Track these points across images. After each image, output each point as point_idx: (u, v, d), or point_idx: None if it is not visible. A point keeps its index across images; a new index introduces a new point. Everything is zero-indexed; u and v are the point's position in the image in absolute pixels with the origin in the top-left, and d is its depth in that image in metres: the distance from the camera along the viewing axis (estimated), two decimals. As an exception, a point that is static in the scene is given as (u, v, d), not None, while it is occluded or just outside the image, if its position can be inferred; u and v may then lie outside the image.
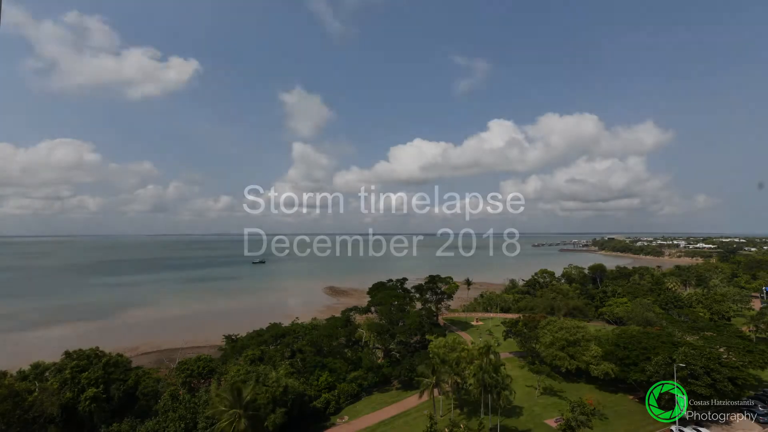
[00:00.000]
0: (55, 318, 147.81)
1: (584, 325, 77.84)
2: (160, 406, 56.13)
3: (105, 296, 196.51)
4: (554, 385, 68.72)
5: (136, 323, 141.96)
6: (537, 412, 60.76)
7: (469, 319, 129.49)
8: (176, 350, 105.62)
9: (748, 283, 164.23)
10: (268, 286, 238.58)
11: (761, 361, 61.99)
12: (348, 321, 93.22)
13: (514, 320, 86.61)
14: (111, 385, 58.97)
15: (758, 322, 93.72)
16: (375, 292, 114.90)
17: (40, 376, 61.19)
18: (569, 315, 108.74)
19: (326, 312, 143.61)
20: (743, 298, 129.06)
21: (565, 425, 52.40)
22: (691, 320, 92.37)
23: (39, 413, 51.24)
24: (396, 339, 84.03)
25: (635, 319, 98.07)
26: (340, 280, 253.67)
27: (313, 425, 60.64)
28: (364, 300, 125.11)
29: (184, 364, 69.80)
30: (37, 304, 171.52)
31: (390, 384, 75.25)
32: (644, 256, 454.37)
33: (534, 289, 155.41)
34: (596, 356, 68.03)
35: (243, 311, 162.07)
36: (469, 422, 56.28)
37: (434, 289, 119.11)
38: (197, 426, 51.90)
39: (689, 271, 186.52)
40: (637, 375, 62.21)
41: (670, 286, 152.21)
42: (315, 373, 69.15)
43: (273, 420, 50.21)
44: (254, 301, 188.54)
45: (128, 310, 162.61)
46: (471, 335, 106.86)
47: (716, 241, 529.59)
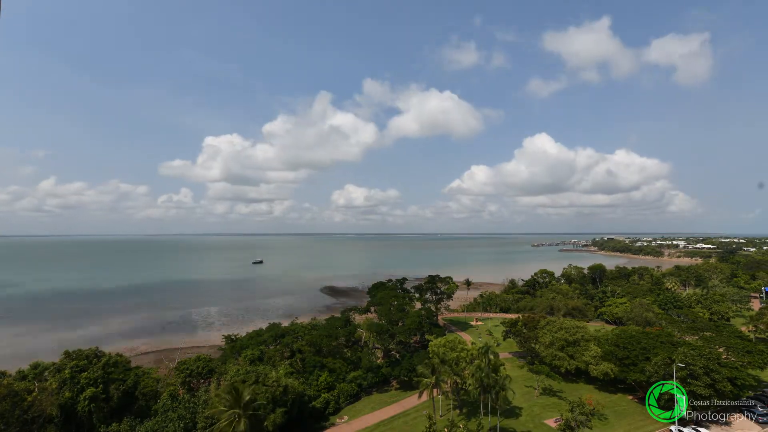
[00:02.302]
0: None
1: (584, 326, 77.83)
2: (159, 406, 56.00)
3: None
4: (554, 385, 68.69)
5: (136, 323, 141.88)
6: (536, 413, 60.73)
7: (468, 319, 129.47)
8: (175, 350, 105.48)
9: (747, 283, 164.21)
10: (267, 286, 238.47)
11: (760, 361, 61.96)
12: (347, 321, 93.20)
13: (514, 320, 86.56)
14: (110, 385, 58.85)
15: (757, 323, 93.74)
16: (374, 292, 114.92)
17: (40, 376, 61.08)
18: (569, 315, 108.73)
19: (326, 312, 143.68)
20: (742, 298, 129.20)
21: (564, 425, 52.43)
22: (691, 320, 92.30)
23: (38, 413, 51.14)
24: (395, 339, 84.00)
25: (635, 319, 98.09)
26: (339, 279, 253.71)
27: (312, 425, 60.59)
28: (364, 300, 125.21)
29: (183, 364, 69.68)
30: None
31: (389, 384, 75.24)
32: (644, 257, 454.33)
33: (533, 289, 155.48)
34: (596, 356, 68.06)
35: (242, 311, 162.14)
36: (468, 422, 56.28)
37: (434, 289, 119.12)
38: (197, 426, 51.80)
39: (689, 271, 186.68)
40: (637, 375, 62.22)
41: (669, 286, 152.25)
42: (315, 373, 69.13)
43: (273, 420, 50.09)
44: (253, 300, 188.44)
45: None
46: (471, 335, 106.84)
47: (716, 242, 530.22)
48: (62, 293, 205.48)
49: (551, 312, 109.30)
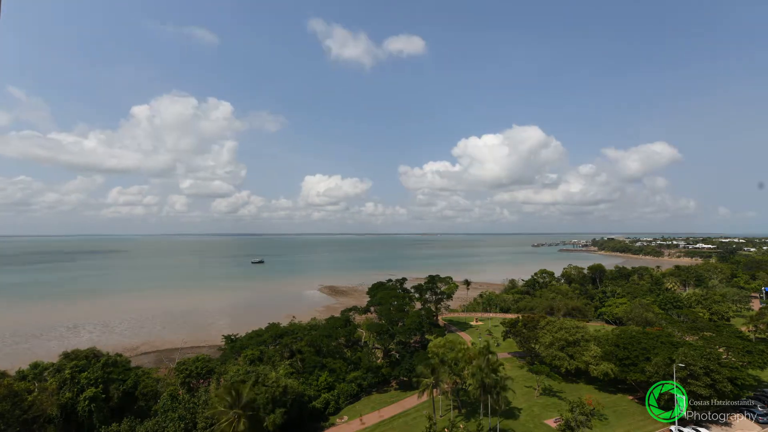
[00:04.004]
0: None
1: (584, 326, 77.82)
2: (159, 406, 55.98)
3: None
4: (554, 385, 68.66)
5: (135, 323, 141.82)
6: (536, 413, 60.68)
7: (468, 319, 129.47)
8: (175, 350, 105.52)
9: (747, 283, 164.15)
10: (266, 286, 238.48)
11: (760, 361, 61.95)
12: (347, 321, 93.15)
13: (514, 320, 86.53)
14: (110, 385, 58.89)
15: (757, 323, 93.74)
16: (374, 292, 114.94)
17: (39, 376, 61.07)
18: (569, 315, 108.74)
19: (325, 312, 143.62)
20: (742, 298, 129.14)
21: (564, 425, 52.42)
22: (691, 320, 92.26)
23: (38, 413, 51.12)
24: (395, 339, 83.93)
25: (635, 319, 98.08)
26: (339, 279, 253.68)
27: (312, 425, 60.57)
28: (364, 300, 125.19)
29: (183, 364, 69.56)
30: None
31: (389, 384, 75.21)
32: (644, 257, 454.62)
33: (533, 290, 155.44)
34: (596, 356, 68.02)
35: (242, 311, 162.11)
36: (468, 423, 56.30)
37: (434, 289, 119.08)
38: (196, 426, 51.79)
39: (688, 271, 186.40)
40: (637, 375, 62.18)
41: (669, 286, 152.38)
42: (314, 374, 69.11)
43: (272, 420, 50.09)
44: (253, 300, 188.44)
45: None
46: (470, 335, 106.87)
47: (716, 242, 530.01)
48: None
49: (551, 312, 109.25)
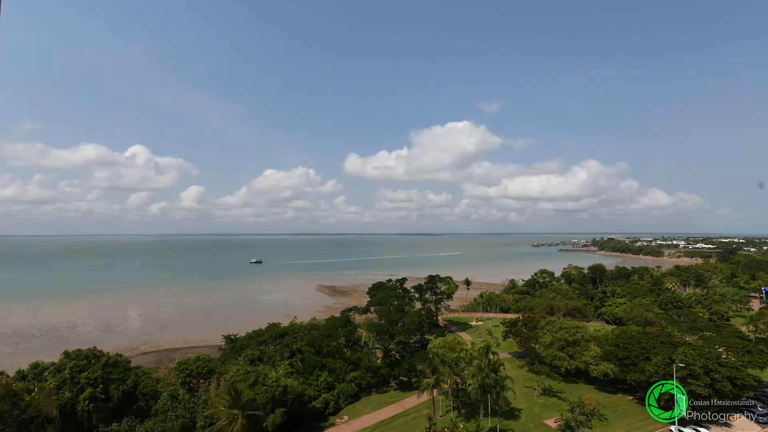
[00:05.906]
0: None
1: (584, 326, 77.81)
2: (159, 406, 56.00)
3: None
4: (554, 385, 68.59)
5: (135, 322, 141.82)
6: (536, 413, 60.64)
7: (468, 319, 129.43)
8: (175, 350, 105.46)
9: (747, 283, 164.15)
10: (266, 286, 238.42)
11: (760, 361, 61.98)
12: (347, 321, 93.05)
13: (514, 320, 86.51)
14: (110, 385, 58.85)
15: (757, 323, 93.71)
16: (374, 292, 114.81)
17: (39, 376, 61.07)
18: (569, 315, 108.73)
19: (325, 312, 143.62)
20: (742, 298, 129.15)
21: (564, 426, 52.41)
22: (691, 320, 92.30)
23: (37, 413, 51.07)
24: (395, 339, 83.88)
25: (635, 319, 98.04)
26: (339, 279, 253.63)
27: (312, 425, 60.53)
28: (364, 300, 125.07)
29: (183, 364, 69.59)
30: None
31: (389, 384, 75.16)
32: (644, 257, 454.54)
33: (533, 290, 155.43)
34: (596, 356, 67.98)
35: (242, 311, 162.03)
36: (468, 423, 56.25)
37: (434, 289, 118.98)
38: (196, 426, 51.75)
39: (688, 271, 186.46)
40: (637, 375, 62.13)
41: (669, 286, 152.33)
42: (314, 374, 69.04)
43: (272, 420, 50.06)
44: (253, 300, 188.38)
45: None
46: (471, 335, 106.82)
47: (716, 242, 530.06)
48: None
49: (551, 312, 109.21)
